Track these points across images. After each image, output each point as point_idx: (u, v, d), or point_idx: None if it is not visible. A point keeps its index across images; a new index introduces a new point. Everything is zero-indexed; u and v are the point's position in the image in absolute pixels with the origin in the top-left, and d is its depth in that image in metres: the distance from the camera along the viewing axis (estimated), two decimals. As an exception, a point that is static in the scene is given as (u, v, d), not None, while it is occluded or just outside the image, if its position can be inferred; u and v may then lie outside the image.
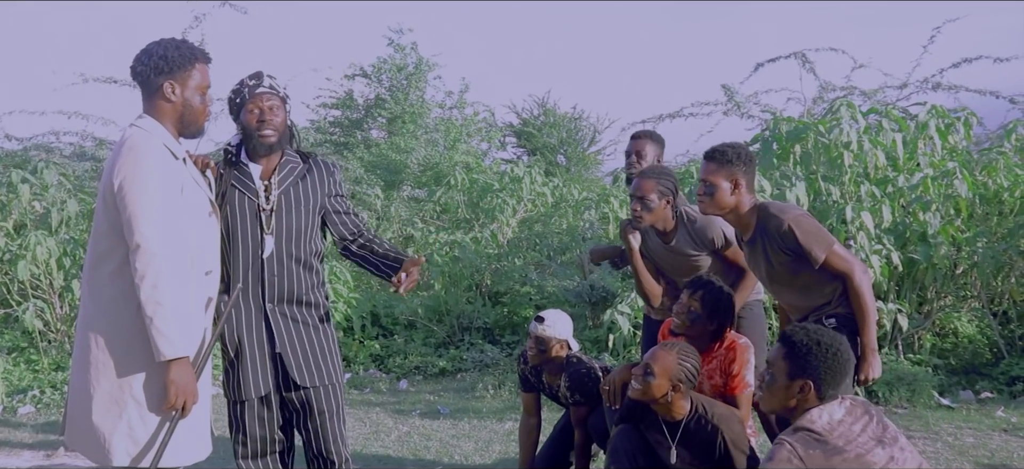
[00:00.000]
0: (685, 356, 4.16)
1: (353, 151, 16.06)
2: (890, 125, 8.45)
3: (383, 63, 17.79)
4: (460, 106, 18.03)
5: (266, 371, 3.96)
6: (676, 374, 4.10)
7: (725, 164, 4.18)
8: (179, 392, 3.22)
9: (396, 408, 7.85)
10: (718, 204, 4.21)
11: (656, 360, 4.12)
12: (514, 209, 11.95)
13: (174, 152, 3.36)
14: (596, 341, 8.81)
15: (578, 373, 5.08)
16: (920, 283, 8.44)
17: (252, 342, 3.93)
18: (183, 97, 3.39)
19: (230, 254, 3.88)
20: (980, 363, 8.20)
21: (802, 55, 10.86)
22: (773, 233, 4.11)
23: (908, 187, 8.14)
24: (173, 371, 3.21)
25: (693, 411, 4.16)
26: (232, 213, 3.88)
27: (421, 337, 10.01)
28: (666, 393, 4.11)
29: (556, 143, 22.45)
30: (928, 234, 7.91)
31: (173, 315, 3.17)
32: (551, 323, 5.12)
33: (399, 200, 13.39)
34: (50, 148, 12.64)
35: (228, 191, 3.89)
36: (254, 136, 3.89)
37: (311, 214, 4.00)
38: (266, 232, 3.89)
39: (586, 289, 9.37)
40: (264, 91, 3.88)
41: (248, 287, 3.91)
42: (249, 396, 3.97)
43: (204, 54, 3.46)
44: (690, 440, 4.16)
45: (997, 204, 8.61)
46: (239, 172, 3.92)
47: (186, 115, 3.41)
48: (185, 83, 3.39)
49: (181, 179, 3.35)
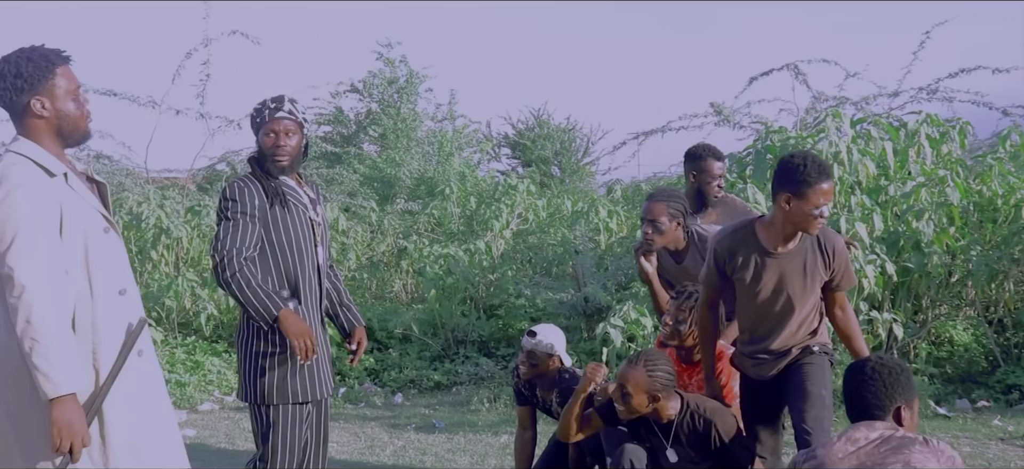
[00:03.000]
0: (653, 365, 4.21)
1: (347, 165, 16.05)
2: (879, 134, 8.45)
3: (374, 77, 17.76)
4: (450, 117, 18.01)
5: (330, 373, 4.16)
6: (649, 387, 4.18)
7: None
8: (64, 434, 2.91)
9: (391, 422, 7.83)
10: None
11: (627, 380, 4.21)
12: (507, 220, 11.93)
13: (49, 169, 3.05)
14: (591, 353, 8.78)
15: (570, 387, 5.05)
16: (915, 292, 8.44)
17: (319, 345, 4.01)
18: (55, 109, 3.08)
19: (293, 263, 4.01)
20: (976, 372, 8.20)
21: (795, 67, 10.87)
22: (827, 249, 4.13)
23: (901, 195, 8.14)
24: (56, 411, 2.90)
25: (684, 409, 4.25)
26: (293, 222, 4.02)
27: (416, 350, 9.97)
28: (648, 404, 4.20)
29: (550, 155, 22.46)
30: (922, 243, 7.91)
31: (54, 351, 2.89)
32: (542, 337, 5.12)
33: (393, 213, 13.37)
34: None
35: (281, 203, 4.00)
36: (268, 158, 4.02)
37: (328, 231, 4.34)
38: (317, 243, 4.10)
39: (580, 302, 9.35)
40: (283, 116, 4.01)
41: (309, 297, 4.07)
42: (317, 396, 4.07)
43: (61, 56, 3.13)
44: (685, 438, 4.25)
45: (991, 212, 8.61)
46: (285, 186, 4.06)
47: (64, 126, 3.12)
48: (52, 94, 3.08)
49: (59, 200, 3.04)
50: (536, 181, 14.16)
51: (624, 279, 9.61)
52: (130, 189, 11.47)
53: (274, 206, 3.95)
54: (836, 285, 4.24)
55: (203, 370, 9.22)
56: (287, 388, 3.97)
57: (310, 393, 4.02)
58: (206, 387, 8.99)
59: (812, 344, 4.25)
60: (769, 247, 4.13)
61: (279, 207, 3.96)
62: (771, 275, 4.14)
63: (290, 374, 3.98)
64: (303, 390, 4.00)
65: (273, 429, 3.98)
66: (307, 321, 3.98)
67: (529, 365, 5.12)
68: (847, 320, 4.34)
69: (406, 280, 12.06)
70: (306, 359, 3.86)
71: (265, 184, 3.99)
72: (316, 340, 3.92)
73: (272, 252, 3.98)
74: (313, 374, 4.02)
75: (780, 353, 4.25)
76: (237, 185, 3.99)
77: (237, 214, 3.91)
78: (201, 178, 13.91)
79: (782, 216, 4.04)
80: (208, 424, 7.91)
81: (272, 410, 3.98)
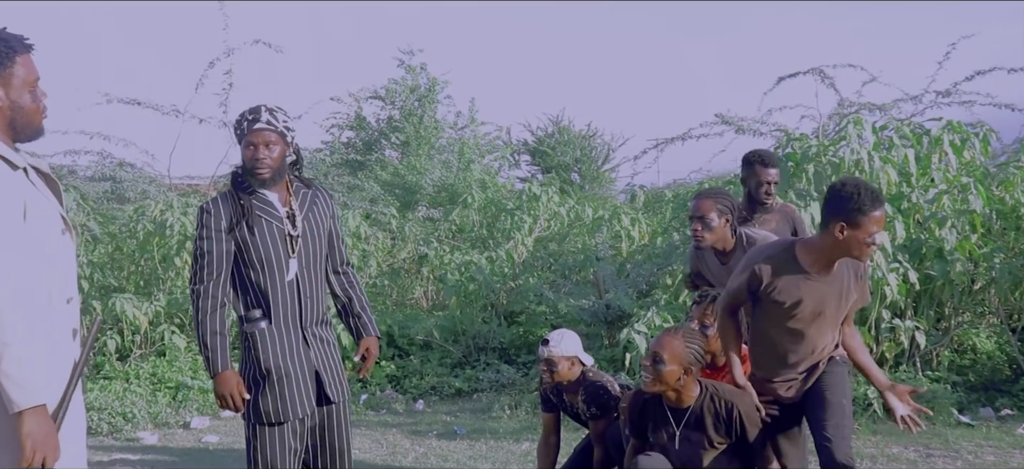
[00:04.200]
0: (691, 338, 4.19)
1: (369, 171, 16.13)
2: (902, 141, 8.42)
3: (395, 85, 17.84)
4: (471, 124, 18.08)
5: (309, 390, 3.99)
6: (685, 357, 4.13)
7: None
8: (37, 447, 2.69)
9: (412, 429, 7.86)
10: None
11: (664, 347, 4.14)
12: (530, 228, 11.97)
13: (12, 162, 2.84)
14: (612, 360, 8.79)
15: (593, 386, 5.12)
16: (937, 299, 8.40)
17: (294, 363, 3.95)
18: (9, 99, 2.86)
19: (264, 281, 3.94)
20: (999, 380, 8.15)
21: (820, 71, 10.83)
22: (859, 271, 4.17)
23: (923, 203, 8.11)
24: (28, 423, 2.68)
25: (703, 393, 4.20)
26: (263, 239, 3.92)
27: (437, 357, 10.01)
28: (679, 378, 4.14)
29: (570, 161, 22.48)
30: (944, 250, 7.88)
31: (25, 357, 2.66)
32: (556, 343, 5.16)
33: (414, 220, 13.42)
34: (68, 171, 12.66)
35: (255, 219, 3.92)
36: (249, 172, 3.95)
37: (324, 238, 4.14)
38: (292, 256, 3.98)
39: (602, 308, 9.36)
40: (261, 127, 3.91)
41: (285, 313, 3.98)
42: (289, 416, 3.94)
43: (23, 43, 2.91)
44: (704, 419, 4.18)
45: (1014, 219, 8.57)
46: (259, 200, 3.96)
47: (17, 118, 2.89)
48: (8, 82, 2.85)
49: (23, 194, 2.82)
50: (557, 189, 14.16)
51: (646, 286, 9.62)
52: (154, 197, 11.57)
53: (242, 224, 3.90)
54: (854, 304, 4.25)
55: (226, 376, 9.27)
56: (259, 408, 3.93)
57: (283, 413, 3.92)
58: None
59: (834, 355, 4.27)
60: (812, 271, 4.10)
61: (247, 225, 3.90)
62: (811, 300, 4.11)
63: (262, 394, 3.93)
64: (275, 410, 3.91)
65: (253, 446, 3.99)
66: (283, 338, 3.94)
67: (549, 371, 5.16)
68: (853, 335, 4.37)
69: (427, 287, 12.11)
70: (235, 411, 3.89)
71: (234, 202, 3.94)
72: (241, 390, 3.88)
73: (244, 270, 3.95)
74: (286, 394, 3.92)
75: (810, 369, 4.25)
76: (204, 211, 3.95)
77: (203, 242, 3.92)
78: (222, 185, 13.99)
79: (833, 243, 4.00)
80: (231, 431, 7.97)
81: (250, 427, 3.99)
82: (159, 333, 9.42)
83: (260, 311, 3.96)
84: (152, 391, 8.81)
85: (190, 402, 8.62)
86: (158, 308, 9.43)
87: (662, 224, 11.00)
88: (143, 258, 10.30)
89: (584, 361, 5.23)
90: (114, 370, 9.11)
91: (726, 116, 11.14)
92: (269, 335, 3.94)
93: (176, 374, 9.04)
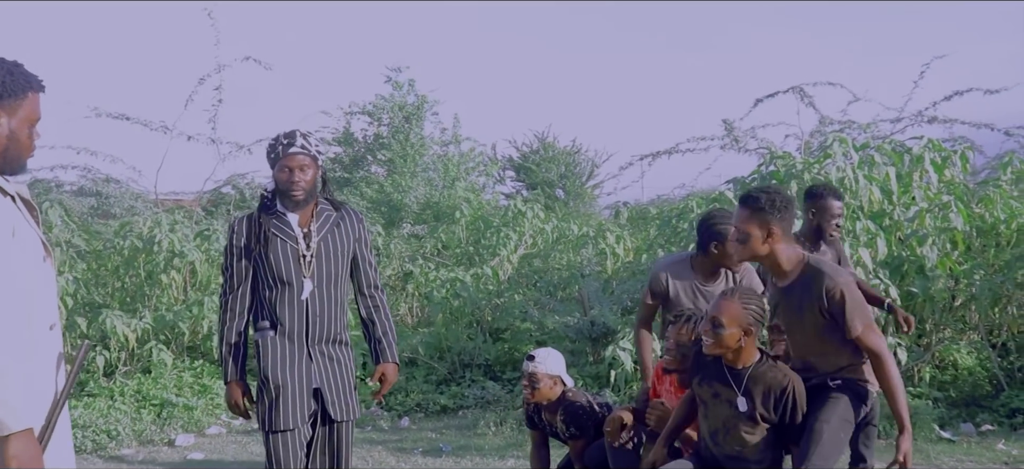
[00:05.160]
0: (748, 299, 4.12)
1: (355, 187, 16.14)
2: (883, 159, 8.52)
3: (383, 101, 17.87)
4: (456, 141, 18.10)
5: (305, 404, 4.16)
6: (744, 319, 4.07)
7: (757, 211, 4.08)
8: None
9: (398, 446, 7.87)
10: (751, 251, 4.14)
11: (722, 311, 4.08)
12: (516, 245, 12.00)
13: (3, 188, 2.87)
14: (597, 377, 8.83)
15: (573, 406, 5.18)
16: (919, 316, 8.48)
17: (295, 378, 4.15)
18: (10, 128, 2.89)
19: (276, 298, 4.17)
20: (980, 395, 8.23)
21: (801, 90, 10.95)
22: (819, 293, 4.05)
23: (905, 220, 8.20)
24: (14, 446, 2.65)
25: (763, 358, 4.16)
26: (276, 259, 4.16)
27: (422, 374, 10.02)
28: (739, 339, 4.09)
29: (555, 178, 22.55)
30: (925, 267, 7.96)
31: (11, 381, 2.64)
32: (542, 360, 5.23)
33: (399, 238, 13.44)
34: (53, 185, 12.61)
35: (270, 238, 4.17)
36: (285, 194, 4.18)
37: (344, 260, 4.31)
38: (305, 276, 4.18)
39: (586, 325, 9.40)
40: (296, 152, 4.13)
41: (293, 327, 4.18)
42: (288, 426, 4.13)
43: (39, 82, 2.98)
44: (757, 387, 4.12)
45: (994, 236, 8.67)
46: (277, 220, 4.20)
47: (11, 149, 2.92)
48: (14, 112, 2.89)
49: (12, 219, 2.83)
50: (543, 205, 14.21)
51: (631, 303, 9.67)
52: (141, 212, 11.55)
53: (258, 243, 4.17)
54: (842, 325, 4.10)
55: (211, 393, 9.27)
56: (262, 415, 4.18)
57: (281, 422, 4.12)
58: (214, 411, 9.04)
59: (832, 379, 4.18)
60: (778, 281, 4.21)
61: (263, 244, 4.16)
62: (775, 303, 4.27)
63: (263, 401, 4.18)
64: (274, 419, 4.12)
65: (266, 452, 4.20)
66: (286, 351, 4.17)
67: (531, 387, 5.22)
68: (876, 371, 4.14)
69: (412, 303, 12.13)
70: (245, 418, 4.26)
71: (255, 222, 4.22)
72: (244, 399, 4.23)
73: (261, 285, 4.22)
74: (281, 405, 4.12)
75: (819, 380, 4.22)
76: (232, 227, 4.28)
77: (230, 255, 4.25)
78: (206, 201, 14.00)
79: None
80: (216, 448, 7.96)
81: (264, 434, 4.21)
82: (146, 350, 9.40)
83: (268, 322, 4.20)
84: (137, 408, 8.79)
85: (175, 419, 8.61)
86: (145, 325, 9.42)
87: (647, 241, 11.07)
88: (128, 275, 10.27)
89: (566, 382, 5.29)
90: (99, 387, 9.08)
91: (724, 127, 11.25)
92: (272, 345, 4.16)
93: (161, 391, 9.02)
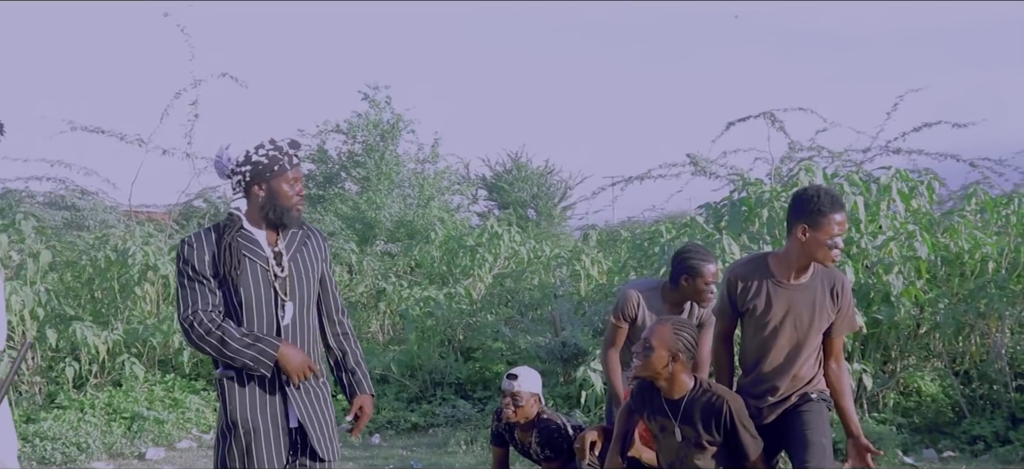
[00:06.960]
0: (681, 328, 4.26)
1: (329, 204, 16.13)
2: (852, 189, 8.67)
3: (358, 119, 17.89)
4: (433, 159, 18.13)
5: (282, 446, 3.70)
6: (674, 345, 4.19)
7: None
8: None
9: (369, 463, 7.89)
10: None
11: (653, 334, 4.24)
12: (491, 266, 12.08)
13: None
14: (567, 397, 8.89)
15: (548, 429, 5.21)
16: (884, 343, 8.63)
17: (267, 417, 3.68)
18: None
19: (251, 324, 3.65)
20: (943, 422, 8.36)
21: (771, 115, 11.09)
22: (836, 288, 4.25)
23: (872, 248, 8.34)
24: None
25: (697, 386, 4.27)
26: (246, 282, 3.66)
27: (393, 392, 10.04)
28: (667, 364, 4.20)
29: (527, 198, 22.62)
30: (891, 295, 8.10)
31: None
32: (524, 379, 5.27)
33: (372, 255, 13.46)
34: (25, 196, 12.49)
35: (240, 259, 3.65)
36: (290, 209, 3.72)
37: (315, 282, 3.85)
38: (285, 299, 3.71)
39: (558, 346, 9.46)
40: (300, 163, 3.78)
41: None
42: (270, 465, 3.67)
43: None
44: (694, 414, 4.23)
45: (958, 266, 8.82)
46: (243, 238, 3.70)
47: None
48: None
49: None
50: (514, 225, 14.28)
51: (602, 324, 9.74)
52: (114, 225, 11.50)
53: (226, 264, 3.63)
54: (837, 328, 4.31)
55: (182, 408, 9.24)
56: (224, 463, 3.72)
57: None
58: (185, 425, 9.01)
59: (810, 391, 4.31)
60: (781, 277, 4.26)
61: (233, 265, 3.63)
62: (781, 305, 4.24)
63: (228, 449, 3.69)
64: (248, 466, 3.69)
65: None
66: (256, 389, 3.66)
67: (515, 406, 5.26)
68: (841, 375, 4.38)
69: (383, 321, 12.15)
70: (302, 380, 3.68)
71: (218, 241, 3.67)
72: (308, 360, 3.72)
73: (230, 310, 3.68)
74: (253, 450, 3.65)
75: (782, 400, 4.31)
76: (187, 245, 3.67)
77: (192, 275, 3.64)
78: (177, 213, 13.94)
79: (797, 247, 4.18)
80: (186, 461, 7.95)
81: None
82: (118, 363, 9.36)
83: None
84: (107, 421, 8.75)
85: (145, 433, 8.57)
86: (117, 337, 9.39)
87: (618, 263, 11.16)
88: (101, 287, 10.23)
89: (541, 400, 5.35)
90: (69, 400, 9.03)
91: (694, 157, 11.36)
92: (240, 382, 3.67)
93: (132, 404, 8.99)
